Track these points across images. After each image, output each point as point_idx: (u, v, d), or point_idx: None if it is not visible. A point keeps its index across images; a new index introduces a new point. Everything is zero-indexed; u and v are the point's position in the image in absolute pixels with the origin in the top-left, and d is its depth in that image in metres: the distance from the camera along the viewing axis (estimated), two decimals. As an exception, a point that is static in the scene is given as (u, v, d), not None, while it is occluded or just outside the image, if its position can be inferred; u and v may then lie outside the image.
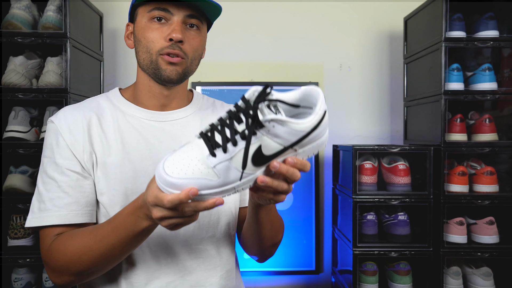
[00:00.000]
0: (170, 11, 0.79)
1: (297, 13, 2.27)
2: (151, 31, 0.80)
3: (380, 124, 2.30)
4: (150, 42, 0.81)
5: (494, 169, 1.74)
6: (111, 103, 0.88)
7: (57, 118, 0.83)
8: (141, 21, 0.82)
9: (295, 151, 0.63)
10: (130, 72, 2.23)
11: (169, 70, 0.81)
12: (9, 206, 1.65)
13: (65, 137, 0.81)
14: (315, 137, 0.63)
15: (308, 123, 0.61)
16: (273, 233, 0.85)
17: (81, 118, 0.83)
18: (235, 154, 0.60)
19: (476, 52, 2.04)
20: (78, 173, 0.80)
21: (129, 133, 0.84)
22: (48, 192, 0.79)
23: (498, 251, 1.72)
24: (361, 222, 1.82)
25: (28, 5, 1.69)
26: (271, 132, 0.59)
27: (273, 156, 0.61)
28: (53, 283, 0.78)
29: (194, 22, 0.82)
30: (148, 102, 0.87)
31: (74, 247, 0.73)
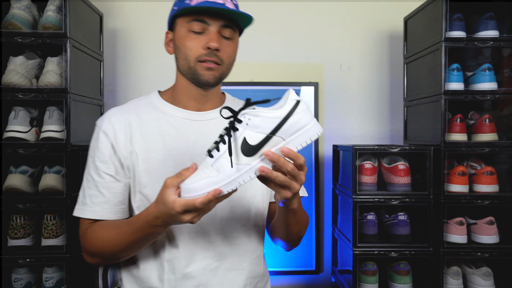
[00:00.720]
0: (207, 22, 0.88)
1: (297, 13, 2.27)
2: (190, 40, 0.89)
3: (380, 124, 2.30)
4: (189, 50, 0.89)
5: (494, 169, 1.74)
6: (152, 104, 0.98)
7: (102, 121, 0.94)
8: (181, 31, 0.91)
9: (283, 140, 0.72)
10: (130, 72, 2.23)
11: (207, 74, 0.90)
12: (9, 206, 1.65)
13: (107, 139, 0.92)
14: (296, 124, 0.72)
15: (278, 111, 0.71)
16: (299, 230, 0.96)
17: (123, 120, 0.93)
18: (225, 150, 0.72)
19: (476, 52, 2.04)
20: (112, 176, 0.92)
21: (169, 132, 0.93)
22: (89, 189, 0.93)
23: (498, 251, 1.72)
24: (361, 222, 1.82)
25: (28, 5, 1.69)
26: (249, 124, 0.71)
27: (260, 144, 0.71)
28: (87, 262, 0.94)
29: (228, 32, 0.91)
30: (186, 103, 0.97)
31: (100, 238, 0.88)
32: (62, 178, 1.69)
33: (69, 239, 1.68)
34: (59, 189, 1.68)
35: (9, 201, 1.66)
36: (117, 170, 0.92)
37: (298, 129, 0.72)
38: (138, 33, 2.23)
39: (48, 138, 1.67)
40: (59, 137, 1.68)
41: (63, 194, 1.68)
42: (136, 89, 2.22)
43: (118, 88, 2.23)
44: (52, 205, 1.67)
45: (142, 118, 0.94)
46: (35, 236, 1.74)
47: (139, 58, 2.23)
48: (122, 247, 0.87)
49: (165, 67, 2.23)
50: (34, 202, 1.66)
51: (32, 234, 1.73)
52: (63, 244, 1.69)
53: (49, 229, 1.69)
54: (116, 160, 0.92)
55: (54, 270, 1.72)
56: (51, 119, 1.69)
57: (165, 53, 2.40)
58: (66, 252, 1.67)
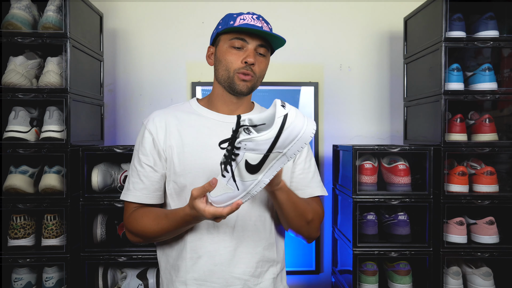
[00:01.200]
0: (246, 40, 1.05)
1: (297, 13, 2.27)
2: (230, 55, 1.06)
3: (380, 124, 2.30)
4: (230, 63, 1.06)
5: (494, 169, 1.74)
6: (190, 108, 1.14)
7: (148, 121, 1.11)
8: (223, 46, 1.07)
9: (281, 152, 0.81)
10: (130, 72, 2.23)
11: (242, 85, 1.07)
12: (9, 206, 1.65)
13: (149, 136, 1.08)
14: (289, 137, 0.80)
15: (268, 133, 0.80)
16: (298, 213, 1.06)
17: (164, 120, 1.10)
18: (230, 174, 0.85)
19: (476, 52, 2.04)
20: (151, 167, 1.07)
21: (202, 130, 1.09)
22: (132, 177, 1.09)
23: (498, 251, 1.72)
24: (361, 222, 1.82)
25: (28, 5, 1.69)
26: (247, 148, 0.81)
27: (261, 163, 0.82)
28: (129, 240, 1.10)
29: (262, 51, 1.07)
30: (220, 108, 1.13)
31: (142, 224, 1.04)
32: (62, 178, 1.69)
33: (69, 239, 1.68)
34: (59, 189, 1.68)
35: (9, 201, 1.66)
36: (156, 162, 1.07)
37: (292, 140, 0.80)
38: (138, 33, 2.23)
39: (48, 138, 1.67)
40: (59, 137, 1.68)
41: (63, 194, 1.68)
42: (136, 89, 2.22)
43: (118, 88, 2.23)
44: (52, 205, 1.67)
45: (180, 118, 1.10)
46: (35, 236, 1.74)
47: (139, 58, 2.23)
48: (159, 234, 1.03)
49: (165, 66, 2.23)
50: (34, 202, 1.66)
51: (32, 234, 1.73)
52: (63, 244, 1.69)
53: (49, 229, 1.69)
54: (156, 153, 1.08)
55: (54, 270, 1.72)
56: (51, 119, 1.69)
57: (165, 53, 2.41)
58: (66, 252, 1.67)
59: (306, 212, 1.08)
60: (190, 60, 2.23)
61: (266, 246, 1.10)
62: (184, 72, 2.24)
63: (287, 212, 1.04)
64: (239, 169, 0.84)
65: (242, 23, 1.04)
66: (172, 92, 2.21)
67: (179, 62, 2.24)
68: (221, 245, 1.05)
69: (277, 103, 0.81)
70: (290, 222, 1.07)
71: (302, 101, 2.24)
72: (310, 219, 1.10)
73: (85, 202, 1.72)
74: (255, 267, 1.07)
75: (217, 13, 1.36)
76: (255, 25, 1.04)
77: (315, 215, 1.12)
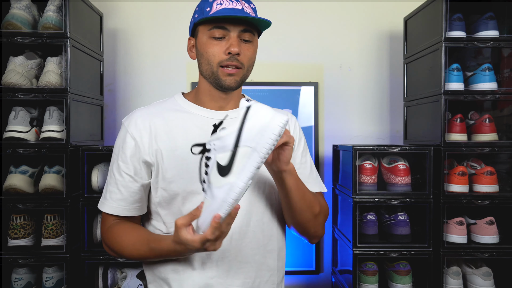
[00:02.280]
0: (227, 28, 0.93)
1: (297, 13, 2.27)
2: (212, 46, 0.94)
3: (380, 124, 2.30)
4: (211, 56, 0.94)
5: (494, 169, 1.74)
6: (177, 104, 1.03)
7: (129, 122, 1.00)
8: (203, 38, 0.96)
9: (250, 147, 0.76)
10: (130, 72, 2.23)
11: (229, 80, 0.96)
12: (9, 206, 1.65)
13: (132, 140, 0.97)
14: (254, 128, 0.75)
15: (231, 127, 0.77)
16: (306, 204, 0.97)
17: (148, 120, 0.98)
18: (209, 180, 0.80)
19: (476, 52, 2.04)
20: (130, 176, 0.97)
21: (192, 130, 0.98)
22: (110, 185, 1.00)
23: (498, 251, 1.72)
24: (361, 222, 1.82)
25: (28, 5, 1.69)
26: (217, 148, 0.78)
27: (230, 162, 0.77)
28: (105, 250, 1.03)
29: (247, 36, 0.96)
30: (208, 104, 1.02)
31: (120, 242, 0.96)
32: (62, 178, 1.69)
33: (69, 239, 1.68)
34: (59, 189, 1.68)
35: (9, 201, 1.66)
36: (136, 171, 0.97)
37: (258, 131, 0.75)
38: (138, 33, 2.23)
39: (48, 138, 1.67)
40: (59, 137, 1.68)
41: (63, 194, 1.68)
42: (136, 89, 2.22)
43: (118, 88, 2.23)
44: (52, 205, 1.67)
45: (166, 118, 0.99)
46: (35, 236, 1.74)
47: (139, 58, 2.23)
48: (137, 257, 0.96)
49: (165, 66, 2.23)
50: (34, 202, 1.66)
51: (32, 234, 1.73)
52: (63, 244, 1.69)
53: (49, 229, 1.69)
54: (137, 161, 0.97)
55: (54, 270, 1.72)
56: (51, 119, 1.69)
57: (165, 53, 2.41)
58: (66, 252, 1.67)
59: (314, 204, 1.00)
60: (190, 60, 2.23)
61: (266, 253, 1.01)
62: (184, 72, 2.24)
63: (295, 202, 0.95)
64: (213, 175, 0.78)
65: (220, 8, 0.91)
66: (172, 92, 2.19)
67: (179, 62, 2.24)
68: (218, 256, 0.96)
69: (242, 99, 0.78)
70: (297, 214, 0.98)
71: (302, 101, 2.24)
72: (318, 212, 1.01)
73: (85, 202, 1.72)
74: (254, 277, 0.99)
75: (217, 13, 1.35)
76: (235, 8, 0.92)
77: (322, 209, 1.03)
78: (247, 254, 0.98)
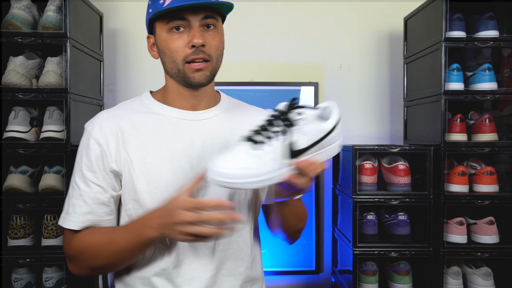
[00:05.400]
0: (186, 18, 0.83)
1: (297, 13, 2.27)
2: (173, 42, 0.84)
3: (380, 124, 2.30)
4: (174, 52, 0.85)
5: (494, 169, 1.74)
6: (145, 106, 0.93)
7: (93, 126, 0.89)
8: (161, 34, 0.86)
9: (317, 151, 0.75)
10: (130, 72, 2.23)
11: (198, 76, 0.86)
12: (9, 206, 1.65)
13: (97, 146, 0.87)
14: (333, 139, 0.76)
15: (329, 124, 0.75)
16: (296, 222, 0.98)
17: (114, 125, 0.88)
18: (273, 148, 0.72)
19: (476, 52, 2.04)
20: (99, 186, 0.86)
21: (165, 133, 0.88)
22: (73, 197, 0.89)
23: (498, 251, 1.72)
24: (361, 222, 1.82)
25: (28, 5, 1.69)
26: (301, 130, 0.72)
27: (304, 150, 0.73)
28: (74, 273, 0.87)
29: (211, 21, 0.85)
30: (179, 104, 0.92)
31: (90, 243, 0.83)
32: (62, 178, 1.69)
33: (69, 239, 1.68)
34: (59, 189, 1.68)
35: (9, 201, 1.66)
36: (105, 180, 0.86)
37: (330, 144, 0.76)
38: (138, 33, 2.23)
39: (48, 138, 1.67)
40: (59, 137, 1.68)
41: (63, 194, 1.68)
42: (136, 89, 2.22)
43: (118, 88, 2.23)
44: (52, 205, 1.67)
45: (134, 121, 0.89)
46: (35, 236, 1.74)
47: (139, 58, 2.23)
48: (111, 254, 0.81)
49: (165, 67, 2.23)
50: (34, 202, 1.66)
51: (32, 234, 1.73)
52: (63, 244, 1.69)
53: (49, 229, 1.69)
54: (105, 169, 0.86)
55: (54, 270, 1.72)
56: (51, 119, 1.69)
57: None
58: (66, 252, 1.67)
59: (305, 215, 1.01)
60: (190, 60, 2.23)
61: (248, 264, 0.94)
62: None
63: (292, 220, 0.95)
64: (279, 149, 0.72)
65: None
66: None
67: (179, 62, 2.24)
68: (201, 271, 0.88)
69: (334, 103, 0.78)
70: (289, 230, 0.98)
71: (302, 101, 2.24)
72: (303, 226, 1.01)
73: (85, 202, 1.72)
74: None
75: (217, 13, 1.35)
76: None
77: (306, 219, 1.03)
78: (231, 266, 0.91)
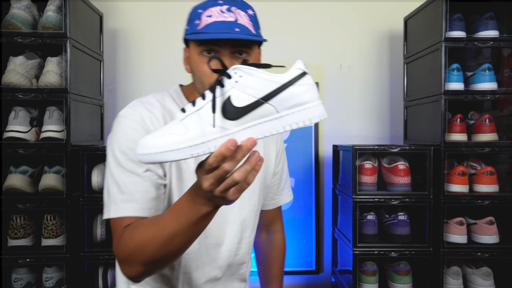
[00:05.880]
0: (217, 44, 0.82)
1: (297, 13, 2.27)
2: (202, 65, 0.84)
3: (380, 124, 2.30)
4: (203, 76, 0.84)
5: (494, 169, 1.74)
6: (176, 103, 0.93)
7: (130, 114, 0.86)
8: (194, 54, 0.86)
9: (277, 111, 0.60)
10: (130, 72, 2.23)
11: None
12: (9, 206, 1.65)
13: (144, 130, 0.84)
14: (296, 97, 0.60)
15: (280, 76, 0.60)
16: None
17: (150, 115, 0.87)
18: (203, 106, 0.60)
19: (476, 52, 2.04)
20: (151, 171, 0.84)
21: None
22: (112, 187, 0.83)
23: (498, 251, 1.72)
24: (361, 222, 1.82)
25: (28, 5, 1.69)
26: (239, 82, 0.60)
27: (247, 108, 0.59)
28: (125, 276, 0.78)
29: (243, 50, 0.84)
30: None
31: (139, 237, 0.74)
32: (62, 178, 1.69)
33: (69, 239, 1.68)
34: (59, 189, 1.68)
35: (9, 201, 1.66)
36: (150, 167, 0.84)
37: (297, 104, 0.61)
38: (138, 33, 2.23)
39: (48, 138, 1.67)
40: (59, 137, 1.68)
41: (63, 194, 1.68)
42: (136, 89, 2.22)
43: (118, 88, 2.23)
44: (52, 205, 1.67)
45: (166, 117, 0.89)
46: (35, 236, 1.74)
47: (139, 58, 2.23)
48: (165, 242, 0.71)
49: (165, 67, 2.23)
50: (34, 202, 1.66)
51: (32, 234, 1.73)
52: (63, 244, 1.69)
53: (49, 229, 1.69)
54: None
55: (54, 270, 1.72)
56: (51, 119, 1.69)
57: (165, 53, 2.40)
58: (66, 252, 1.67)
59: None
60: (190, 60, 2.23)
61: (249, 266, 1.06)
62: (184, 72, 2.24)
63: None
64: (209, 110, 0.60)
65: (209, 22, 0.80)
66: (172, 92, 2.20)
67: (179, 62, 2.24)
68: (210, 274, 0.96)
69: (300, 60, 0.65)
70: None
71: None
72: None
73: (85, 202, 1.72)
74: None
75: (217, 13, 1.35)
76: (226, 21, 0.80)
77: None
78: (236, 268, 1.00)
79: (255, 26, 0.84)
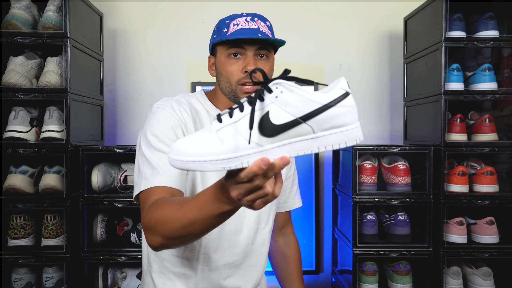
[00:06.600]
0: (243, 47, 0.99)
1: (297, 13, 2.27)
2: (229, 65, 1.00)
3: (380, 124, 2.30)
4: (230, 75, 1.00)
5: (494, 169, 1.74)
6: (202, 105, 1.08)
7: (162, 105, 1.01)
8: (221, 57, 1.02)
9: (313, 132, 0.58)
10: (130, 72, 2.23)
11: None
12: (9, 206, 1.65)
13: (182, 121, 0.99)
14: (335, 119, 0.58)
15: (320, 95, 0.58)
16: None
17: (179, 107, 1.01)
18: (240, 118, 0.60)
19: (476, 52, 2.04)
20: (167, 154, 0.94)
21: None
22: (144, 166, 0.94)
23: (498, 251, 1.72)
24: (361, 222, 1.82)
25: (28, 5, 1.69)
26: (279, 98, 0.58)
27: (284, 127, 0.58)
28: (148, 244, 0.85)
29: (264, 52, 1.01)
30: None
31: (163, 213, 0.80)
32: (62, 178, 1.69)
33: (69, 239, 1.68)
34: (59, 189, 1.68)
35: (9, 201, 1.66)
36: None
37: (336, 126, 0.58)
38: (138, 33, 2.23)
39: (48, 138, 1.67)
40: (59, 137, 1.68)
41: (63, 194, 1.68)
42: (136, 89, 2.22)
43: (118, 88, 2.23)
44: (52, 205, 1.67)
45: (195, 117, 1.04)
46: (35, 236, 1.74)
47: (139, 58, 2.23)
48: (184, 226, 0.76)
49: (165, 67, 2.23)
50: (34, 202, 1.67)
51: (32, 234, 1.73)
52: (63, 244, 1.69)
53: (49, 229, 1.69)
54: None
55: (54, 270, 1.72)
56: (51, 119, 1.69)
57: (165, 53, 2.40)
58: (66, 252, 1.67)
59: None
60: (190, 60, 2.23)
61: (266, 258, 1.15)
62: (184, 72, 2.24)
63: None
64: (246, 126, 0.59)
65: (236, 29, 0.99)
66: (172, 92, 2.21)
67: (179, 62, 2.24)
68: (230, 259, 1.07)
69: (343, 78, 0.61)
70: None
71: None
72: None
73: (85, 202, 1.72)
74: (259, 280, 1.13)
75: (217, 13, 1.36)
76: (251, 28, 0.98)
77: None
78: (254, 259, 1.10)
79: (272, 34, 1.03)
